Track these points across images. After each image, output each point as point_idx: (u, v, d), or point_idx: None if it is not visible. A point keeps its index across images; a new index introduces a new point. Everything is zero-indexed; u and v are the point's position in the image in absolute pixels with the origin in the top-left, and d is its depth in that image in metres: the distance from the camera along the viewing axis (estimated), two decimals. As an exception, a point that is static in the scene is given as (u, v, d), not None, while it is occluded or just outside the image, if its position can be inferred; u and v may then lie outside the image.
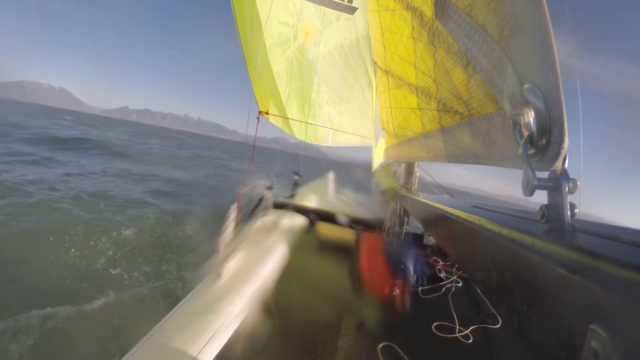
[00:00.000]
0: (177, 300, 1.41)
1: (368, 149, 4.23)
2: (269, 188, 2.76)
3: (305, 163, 3.99)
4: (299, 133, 4.41)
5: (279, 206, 2.73)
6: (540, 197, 0.56)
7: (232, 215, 1.80)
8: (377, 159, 3.66)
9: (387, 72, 2.14)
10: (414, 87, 1.54)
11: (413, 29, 1.36)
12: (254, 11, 3.25)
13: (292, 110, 4.14)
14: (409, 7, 1.34)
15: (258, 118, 3.23)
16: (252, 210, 2.66)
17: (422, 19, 1.21)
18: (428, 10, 1.11)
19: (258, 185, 2.80)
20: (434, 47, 1.14)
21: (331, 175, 5.04)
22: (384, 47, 2.03)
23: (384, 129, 2.72)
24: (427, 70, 1.28)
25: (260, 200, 2.70)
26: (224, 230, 1.73)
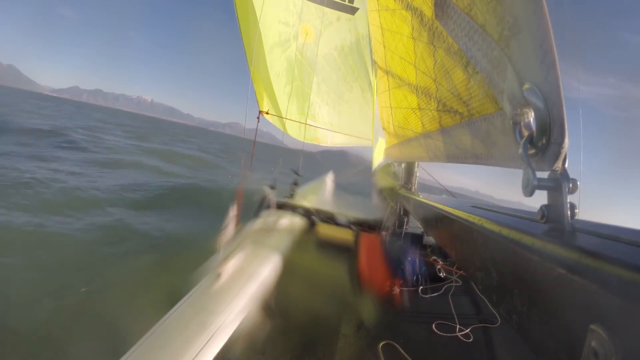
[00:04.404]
0: (177, 299, 1.41)
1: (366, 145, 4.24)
2: (272, 187, 2.75)
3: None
4: (299, 133, 4.38)
5: (278, 206, 2.73)
6: (539, 195, 0.56)
7: (232, 214, 1.80)
8: (377, 159, 3.65)
9: (387, 72, 2.14)
10: (414, 87, 1.54)
11: (413, 29, 1.36)
12: (256, 11, 3.25)
13: (292, 110, 4.13)
14: (409, 7, 1.34)
15: (258, 117, 3.22)
16: (256, 210, 2.65)
17: (422, 19, 1.21)
18: (428, 10, 1.11)
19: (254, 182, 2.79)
20: (434, 47, 1.14)
21: (330, 176, 5.02)
22: (384, 47, 2.03)
23: (384, 128, 2.72)
24: (427, 70, 1.27)
25: (263, 199, 2.69)
26: (223, 230, 1.73)
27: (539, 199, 0.56)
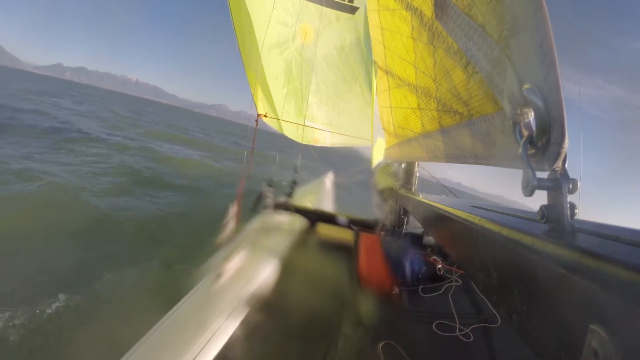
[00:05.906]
0: (177, 299, 1.41)
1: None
2: (269, 185, 2.74)
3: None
4: (296, 134, 4.35)
5: (278, 206, 2.73)
6: (539, 195, 0.56)
7: (232, 214, 1.80)
8: (376, 159, 3.65)
9: (387, 72, 2.14)
10: (413, 87, 1.54)
11: (413, 29, 1.36)
12: (252, 12, 3.23)
13: (290, 112, 4.08)
14: (409, 7, 1.34)
15: (257, 121, 3.23)
16: (252, 207, 2.63)
17: (421, 19, 1.21)
18: (428, 10, 1.11)
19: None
20: (434, 47, 1.14)
21: (330, 175, 5.02)
22: (384, 47, 2.03)
23: (384, 128, 2.72)
24: (426, 70, 1.27)
25: (260, 197, 2.66)
26: (223, 230, 1.73)
27: (541, 198, 0.56)
